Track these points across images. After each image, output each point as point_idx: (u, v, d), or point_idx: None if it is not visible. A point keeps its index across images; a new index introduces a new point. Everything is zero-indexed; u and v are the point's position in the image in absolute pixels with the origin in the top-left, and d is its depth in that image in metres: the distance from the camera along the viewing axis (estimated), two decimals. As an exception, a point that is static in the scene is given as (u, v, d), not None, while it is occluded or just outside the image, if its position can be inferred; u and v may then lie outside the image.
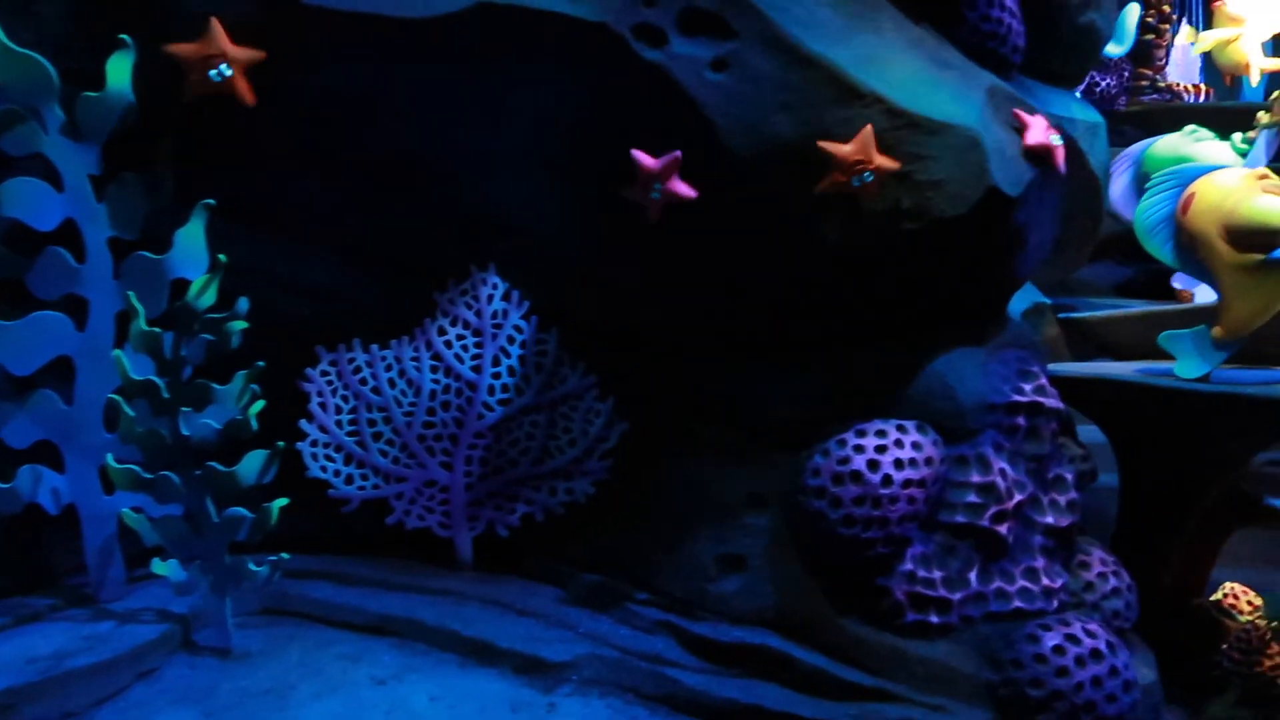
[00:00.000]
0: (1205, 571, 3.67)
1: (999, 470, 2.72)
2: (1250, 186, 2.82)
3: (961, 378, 2.77)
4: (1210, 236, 2.87)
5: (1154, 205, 2.96)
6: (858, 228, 2.55)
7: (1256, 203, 2.77)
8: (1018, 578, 2.73)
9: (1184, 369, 3.04)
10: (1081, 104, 3.71)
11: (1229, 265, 2.87)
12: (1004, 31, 3.02)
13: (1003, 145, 2.59)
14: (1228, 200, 2.82)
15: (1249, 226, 2.78)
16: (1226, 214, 2.82)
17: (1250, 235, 2.78)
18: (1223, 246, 2.86)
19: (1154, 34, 7.92)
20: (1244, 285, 2.87)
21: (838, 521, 2.61)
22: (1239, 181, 2.84)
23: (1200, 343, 3.02)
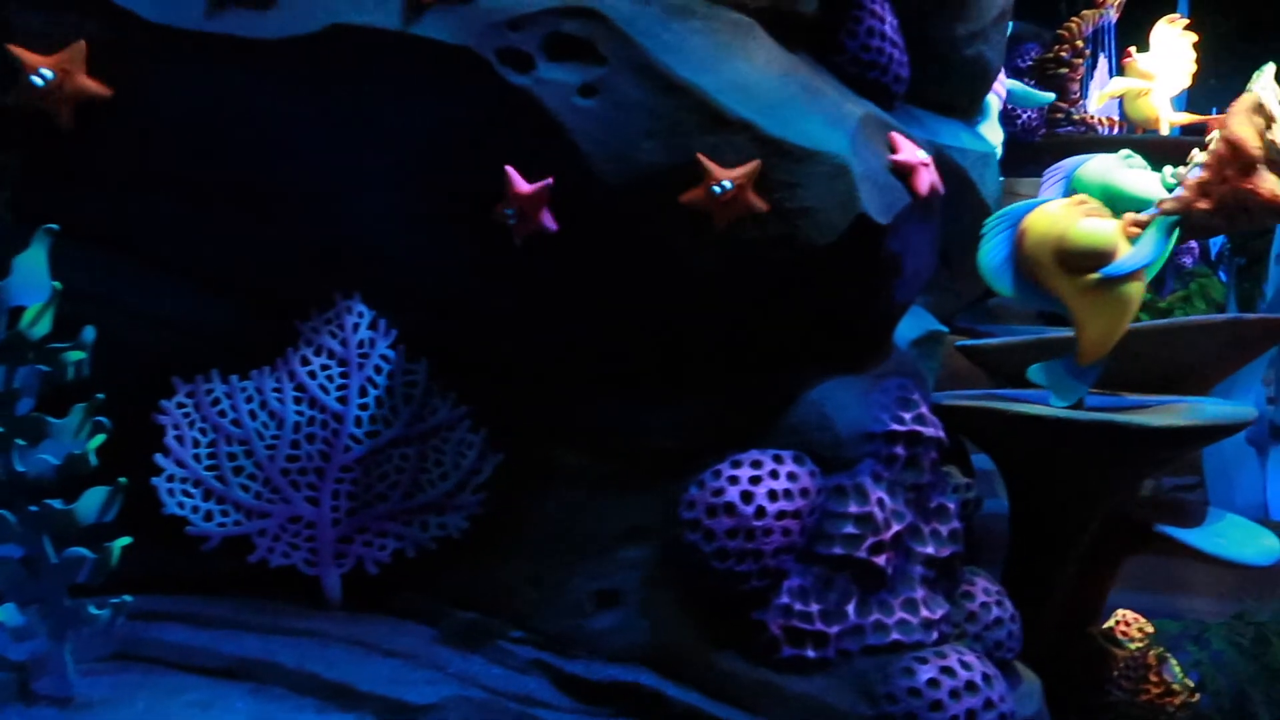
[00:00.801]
0: (1099, 599, 3.68)
1: (876, 500, 2.69)
2: (1073, 213, 2.91)
3: (840, 407, 2.74)
4: (1048, 266, 2.93)
5: (993, 248, 3.02)
6: (727, 255, 2.52)
7: (1081, 226, 2.87)
8: (896, 609, 2.69)
9: (1058, 398, 3.06)
10: (973, 134, 3.76)
11: (1071, 290, 2.93)
12: (884, 61, 3.04)
13: (874, 173, 2.59)
14: (1055, 228, 2.90)
15: (1079, 249, 2.86)
16: (1057, 241, 2.89)
17: (1081, 257, 2.86)
18: (1061, 274, 2.92)
19: (1068, 68, 8.13)
20: (1090, 306, 2.93)
21: (711, 554, 2.55)
22: (1062, 210, 2.94)
23: (1066, 370, 3.05)
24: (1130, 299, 2.96)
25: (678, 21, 2.58)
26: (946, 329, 3.80)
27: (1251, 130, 2.83)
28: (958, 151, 3.56)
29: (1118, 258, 2.88)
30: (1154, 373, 3.45)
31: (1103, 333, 2.97)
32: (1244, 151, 2.79)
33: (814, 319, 2.70)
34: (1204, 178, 2.87)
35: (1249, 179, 2.80)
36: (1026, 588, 3.32)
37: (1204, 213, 2.89)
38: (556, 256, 2.55)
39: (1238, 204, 2.83)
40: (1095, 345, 2.99)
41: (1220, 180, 2.83)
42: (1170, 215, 2.93)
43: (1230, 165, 2.82)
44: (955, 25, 3.50)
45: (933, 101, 3.66)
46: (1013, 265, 3.03)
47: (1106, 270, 2.86)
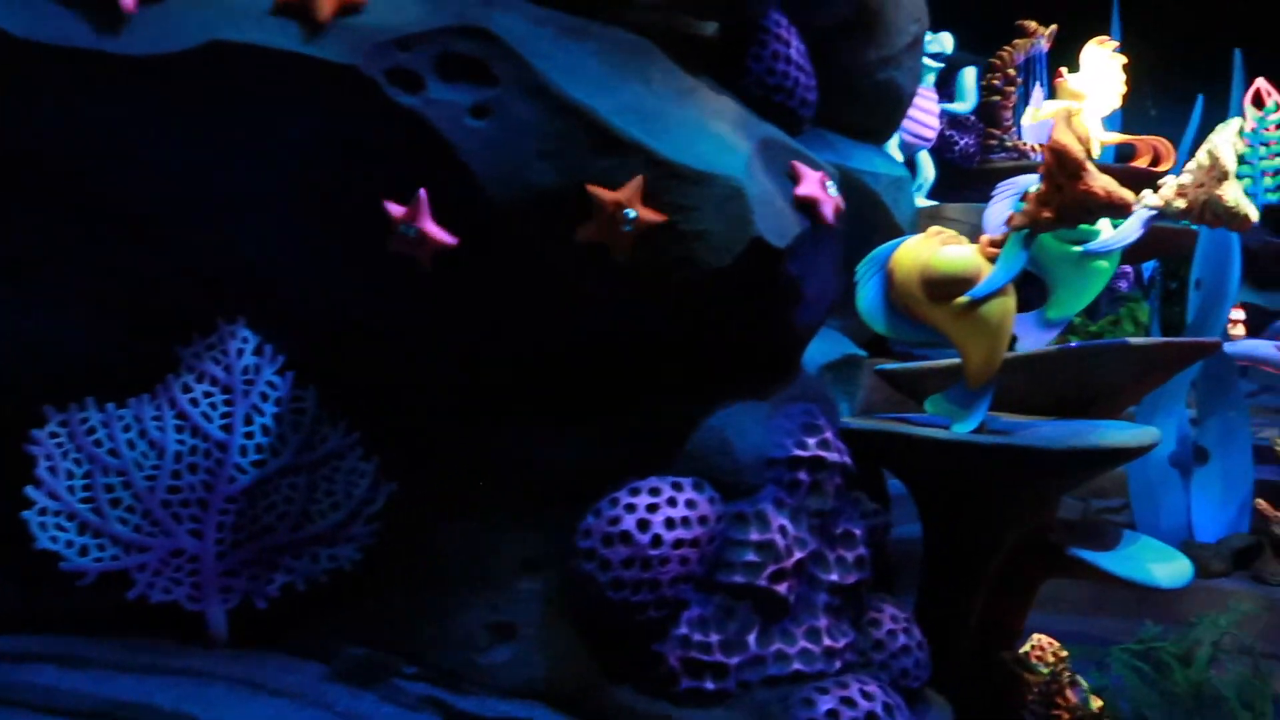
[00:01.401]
0: (1017, 623, 3.67)
1: (779, 527, 2.65)
2: (932, 243, 2.97)
3: (742, 432, 2.70)
4: (918, 298, 2.97)
5: (868, 292, 3.07)
6: (622, 279, 2.48)
7: (942, 255, 2.93)
8: (799, 639, 2.65)
9: (958, 425, 3.05)
10: (886, 159, 3.78)
11: (944, 317, 2.96)
12: (790, 85, 3.03)
13: (771, 196, 2.56)
14: (919, 261, 2.96)
15: (942, 277, 2.91)
16: (921, 273, 2.94)
17: (947, 284, 2.90)
18: (931, 304, 2.95)
19: (1000, 96, 8.28)
20: (966, 330, 2.96)
21: (606, 585, 2.49)
22: (922, 243, 3.00)
23: (960, 398, 3.05)
24: (1002, 316, 2.98)
25: (574, 42, 2.55)
26: (865, 353, 3.79)
27: (1072, 137, 2.88)
28: (870, 175, 3.57)
29: (981, 279, 2.92)
30: (1066, 397, 3.46)
31: (985, 353, 2.99)
32: (1069, 158, 2.83)
33: (713, 343, 2.66)
34: (1041, 190, 2.93)
35: (1081, 182, 2.84)
36: (940, 613, 3.30)
37: (1049, 220, 2.94)
38: (449, 281, 2.49)
39: (1079, 206, 2.88)
40: (981, 367, 3.00)
41: (1056, 189, 2.88)
42: (1020, 230, 2.97)
43: (1060, 174, 2.86)
44: (867, 51, 3.53)
45: (846, 126, 3.69)
46: (887, 304, 3.07)
47: (972, 292, 2.90)
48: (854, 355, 3.68)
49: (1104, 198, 2.86)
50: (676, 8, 2.69)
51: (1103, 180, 2.88)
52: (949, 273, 2.94)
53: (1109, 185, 2.88)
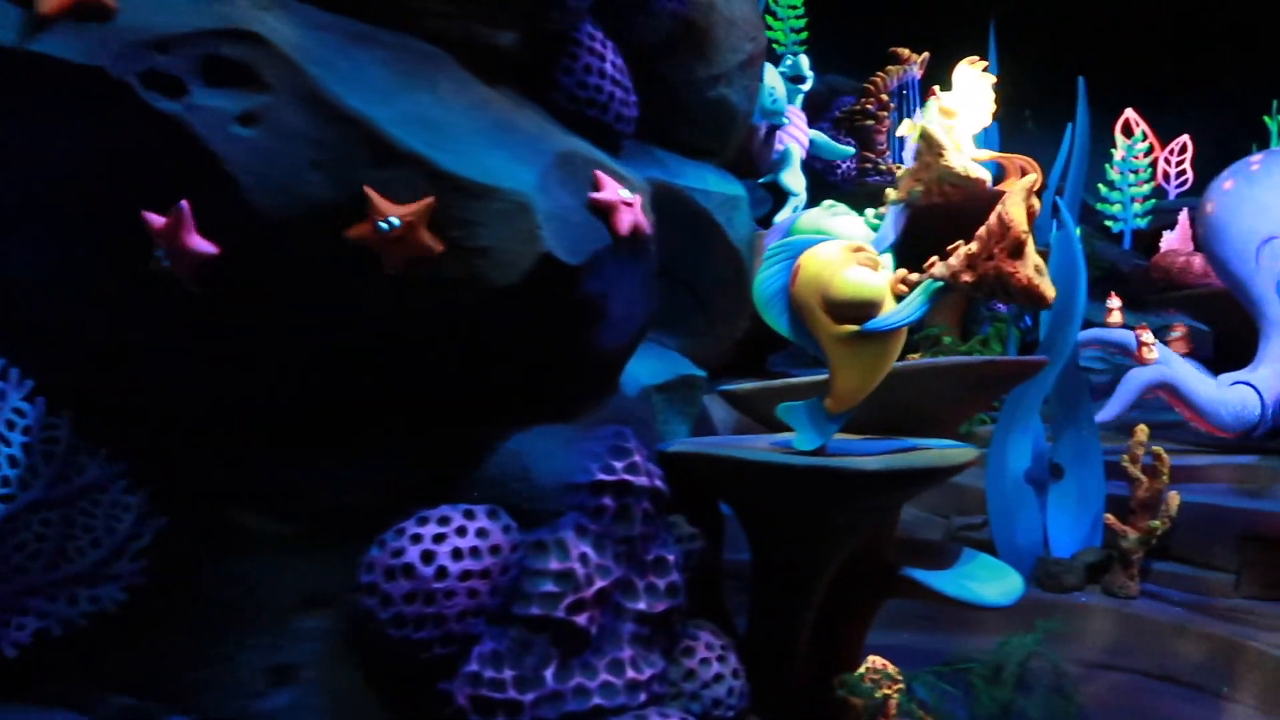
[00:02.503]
0: (854, 644, 3.64)
1: (579, 555, 2.55)
2: (845, 259, 2.82)
3: (541, 457, 2.60)
4: (813, 308, 2.84)
5: (769, 278, 2.91)
6: (402, 298, 2.36)
7: (848, 275, 2.77)
8: (601, 671, 2.54)
9: (801, 441, 3.00)
10: (722, 177, 3.73)
11: (831, 337, 2.84)
12: (604, 99, 2.96)
13: (565, 212, 2.48)
14: (824, 273, 2.81)
15: (842, 299, 2.77)
16: (823, 286, 2.80)
17: (844, 307, 2.77)
18: (824, 318, 2.83)
19: (873, 120, 8.44)
20: (846, 356, 2.86)
21: (387, 621, 2.35)
22: (836, 254, 2.84)
23: (814, 415, 2.99)
24: (887, 354, 2.88)
25: (359, 49, 2.43)
26: (704, 373, 3.72)
27: (1023, 211, 2.81)
28: (701, 194, 3.52)
29: (881, 312, 2.82)
30: (898, 415, 3.45)
31: (856, 384, 2.88)
32: (1014, 233, 2.75)
33: (510, 364, 2.56)
34: (974, 250, 2.83)
35: (1013, 261, 2.77)
36: (768, 638, 3.24)
37: (968, 285, 2.85)
38: (217, 299, 2.32)
39: (999, 283, 2.79)
40: (847, 395, 2.90)
41: (987, 256, 2.79)
42: (938, 281, 2.88)
43: (999, 243, 2.77)
44: (694, 67, 3.48)
45: (681, 144, 3.63)
46: (784, 298, 2.93)
47: (868, 325, 2.78)
48: (691, 376, 3.60)
49: (1023, 287, 2.75)
50: (471, 17, 2.59)
51: (1031, 271, 2.77)
52: (851, 296, 2.76)
53: (1035, 278, 2.75)
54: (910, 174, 4.00)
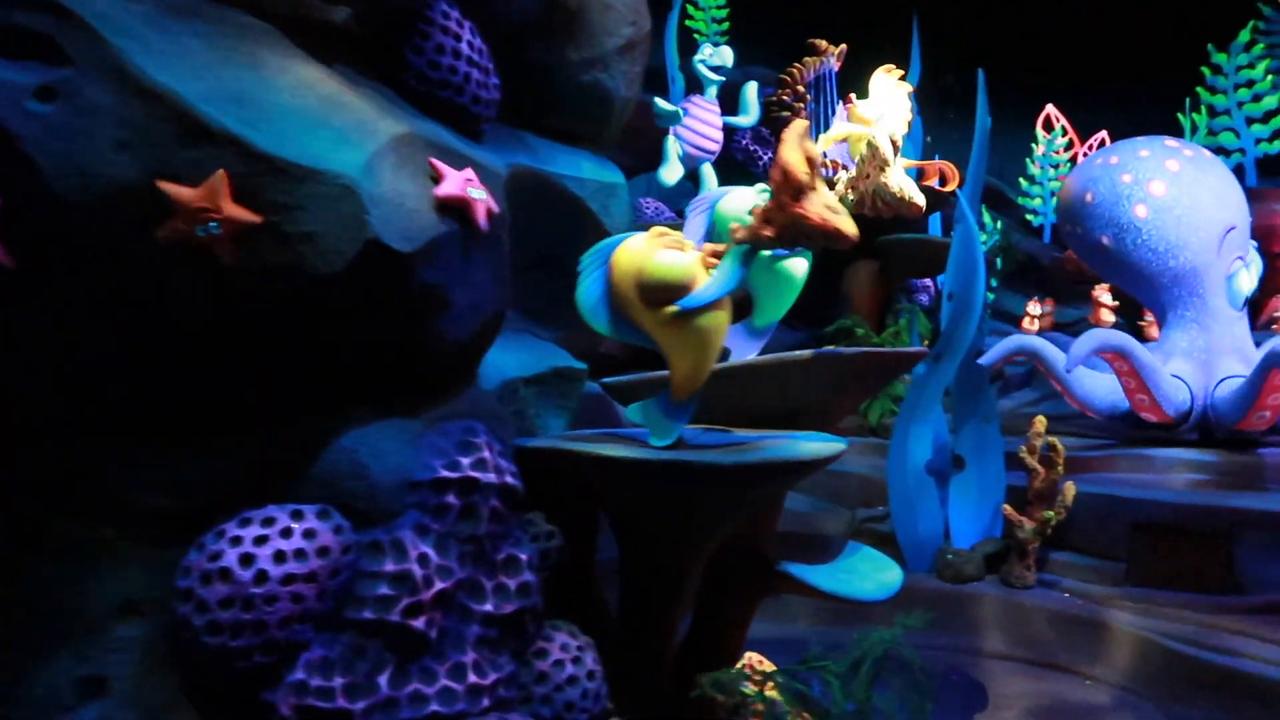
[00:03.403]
0: (734, 640, 3.59)
1: (417, 556, 2.44)
2: (652, 245, 2.81)
3: (378, 454, 2.48)
4: (631, 301, 2.82)
5: (589, 287, 2.89)
6: (219, 285, 2.22)
7: (657, 259, 2.77)
8: (441, 677, 2.44)
9: (656, 437, 2.94)
10: (598, 164, 3.63)
11: (655, 324, 2.82)
12: (459, 81, 2.84)
13: (400, 196, 2.36)
14: (634, 262, 2.80)
15: (655, 282, 2.76)
16: (636, 275, 2.78)
17: (660, 290, 2.76)
18: (643, 307, 2.81)
19: (789, 111, 8.40)
20: (674, 340, 2.83)
21: (202, 629, 2.22)
22: (643, 243, 2.83)
23: (663, 409, 2.94)
24: (713, 330, 2.86)
25: (176, 22, 2.29)
26: (583, 365, 3.63)
27: (800, 156, 2.80)
28: (574, 181, 3.42)
29: (696, 288, 2.80)
30: (773, 407, 3.40)
31: (691, 366, 2.87)
32: (793, 177, 2.76)
33: (340, 358, 2.43)
34: (768, 206, 2.84)
35: (800, 204, 2.77)
36: (638, 636, 3.17)
37: (769, 239, 2.85)
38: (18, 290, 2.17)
39: (796, 229, 2.79)
40: (686, 380, 2.89)
41: (779, 207, 2.79)
42: (742, 244, 2.87)
43: (785, 191, 2.78)
44: (566, 51, 3.37)
45: (555, 130, 3.53)
46: (608, 302, 2.90)
47: (682, 302, 2.77)
48: (567, 369, 3.50)
49: (818, 225, 2.75)
50: (302, -10, 2.46)
51: (821, 207, 2.78)
52: (662, 278, 2.76)
53: (826, 214, 2.76)
54: (849, 181, 3.96)
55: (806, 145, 2.76)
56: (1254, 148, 11.40)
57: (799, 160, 2.70)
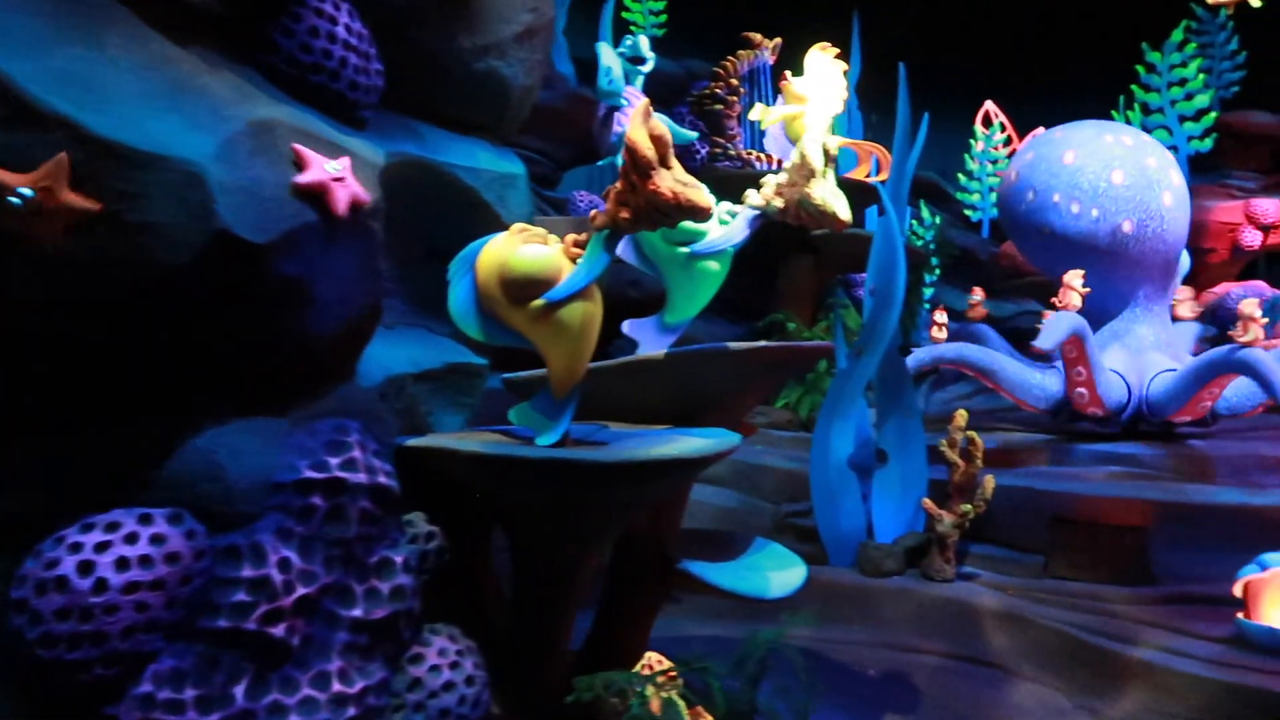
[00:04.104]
0: (636, 640, 3.52)
1: (278, 561, 2.33)
2: (512, 242, 2.76)
3: (237, 454, 2.37)
4: (500, 300, 2.76)
5: (459, 294, 2.84)
6: (58, 278, 2.10)
7: (518, 254, 2.72)
8: (303, 686, 2.34)
9: (541, 437, 2.87)
10: (496, 154, 3.54)
11: (524, 320, 2.77)
12: (333, 65, 2.74)
13: (253, 185, 2.25)
14: (497, 261, 2.75)
15: (518, 278, 2.70)
16: (500, 274, 2.72)
17: (524, 286, 2.71)
18: (511, 305, 2.75)
19: (723, 104, 8.38)
20: (547, 335, 2.78)
21: (36, 641, 2.10)
22: (504, 241, 2.78)
23: (543, 407, 2.87)
24: (584, 320, 2.81)
25: (8, -3, 2.15)
26: (484, 360, 3.54)
27: (644, 134, 2.75)
28: (468, 171, 3.32)
29: (561, 280, 2.74)
30: (673, 403, 3.33)
31: (568, 359, 2.82)
32: (641, 155, 2.70)
33: (191, 354, 2.31)
34: (620, 188, 2.79)
35: (651, 182, 2.72)
36: (529, 637, 3.09)
37: (628, 222, 2.80)
38: None
39: (654, 208, 2.75)
40: (564, 374, 2.82)
41: (631, 188, 2.75)
42: (602, 230, 2.82)
43: (634, 171, 2.73)
44: (459, 38, 3.27)
45: (449, 118, 3.42)
46: (478, 306, 2.84)
47: (549, 294, 2.71)
48: (465, 364, 3.41)
49: (670, 200, 2.71)
50: (153, -34, 2.33)
51: (671, 182, 2.74)
52: (525, 273, 2.71)
53: (677, 188, 2.73)
54: (776, 186, 3.89)
55: (652, 124, 2.71)
56: (1186, 145, 11.60)
57: (644, 138, 2.65)
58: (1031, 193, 7.32)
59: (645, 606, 3.53)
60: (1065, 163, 7.21)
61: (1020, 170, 7.60)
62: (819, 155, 3.20)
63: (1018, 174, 7.60)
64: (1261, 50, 11.88)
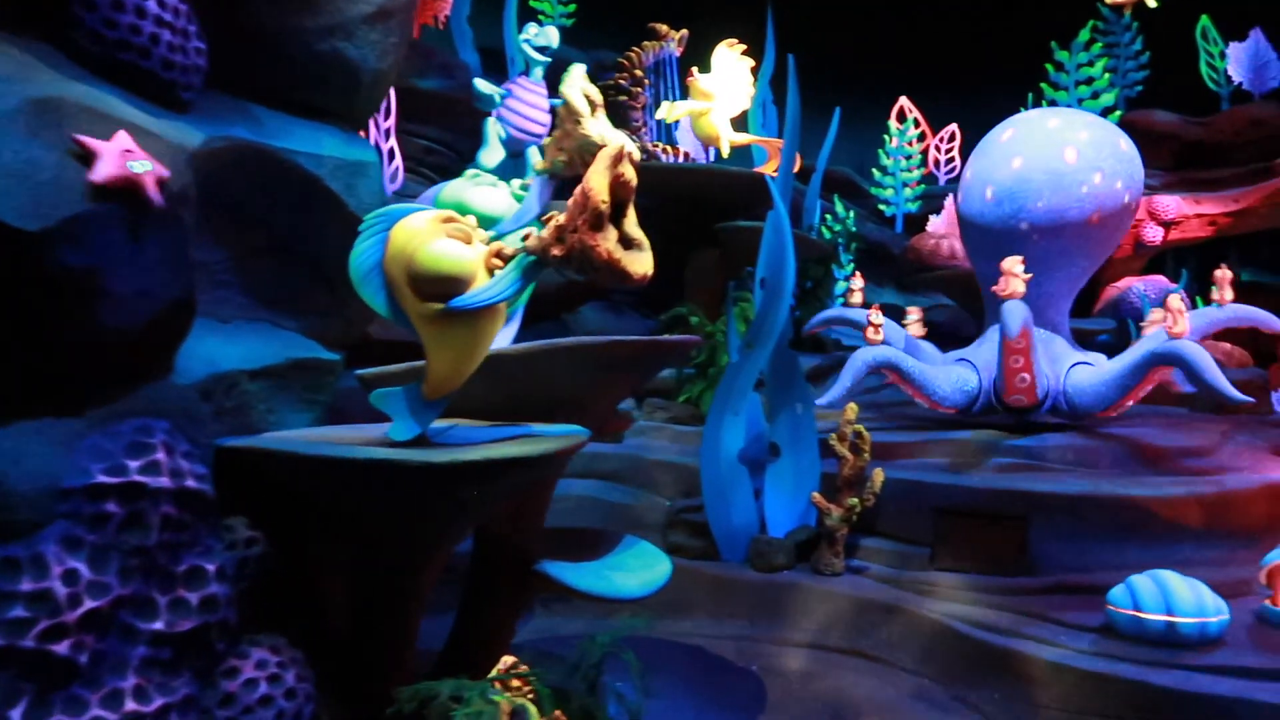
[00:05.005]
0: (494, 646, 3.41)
1: (62, 573, 2.18)
2: (433, 230, 2.58)
3: (18, 459, 2.20)
4: (400, 284, 2.58)
5: (364, 252, 2.62)
6: None
7: (432, 248, 2.54)
8: (92, 706, 2.19)
9: (397, 430, 2.74)
10: (344, 140, 3.38)
11: (419, 315, 2.60)
12: (143, 42, 2.57)
13: (27, 168, 2.09)
14: (409, 245, 2.56)
15: (425, 273, 2.54)
16: (408, 260, 2.55)
17: (428, 282, 2.54)
18: (411, 295, 2.58)
19: (627, 95, 8.28)
20: (436, 337, 2.63)
21: None
22: (425, 224, 2.59)
23: (411, 401, 2.74)
24: (481, 335, 2.67)
25: None
26: (335, 356, 3.39)
27: (605, 182, 2.62)
28: (310, 158, 3.17)
29: (473, 287, 2.58)
30: (527, 399, 3.23)
31: (449, 368, 2.66)
32: (593, 203, 2.56)
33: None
34: (562, 223, 2.63)
35: (594, 234, 2.58)
36: (372, 642, 2.97)
37: (557, 260, 2.65)
38: None
39: (584, 257, 2.60)
40: (441, 380, 2.68)
41: (573, 229, 2.60)
42: (530, 256, 2.66)
43: (582, 214, 2.58)
44: (299, 16, 3.12)
45: (294, 102, 3.27)
46: (380, 274, 2.64)
47: (453, 302, 2.55)
48: (312, 360, 3.25)
49: (603, 260, 2.54)
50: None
51: (611, 244, 2.58)
52: (433, 270, 2.53)
53: (616, 253, 2.57)
54: (553, 143, 3.79)
55: (620, 170, 2.56)
56: (1091, 142, 11.84)
57: (602, 186, 2.51)
58: (966, 183, 7.23)
59: (505, 608, 3.44)
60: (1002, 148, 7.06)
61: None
62: (581, 100, 3.05)
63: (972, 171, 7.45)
64: (1164, 51, 12.18)
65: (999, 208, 6.55)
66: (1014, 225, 6.48)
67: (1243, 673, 3.80)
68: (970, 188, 6.91)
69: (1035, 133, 6.66)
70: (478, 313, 2.61)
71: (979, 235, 6.87)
